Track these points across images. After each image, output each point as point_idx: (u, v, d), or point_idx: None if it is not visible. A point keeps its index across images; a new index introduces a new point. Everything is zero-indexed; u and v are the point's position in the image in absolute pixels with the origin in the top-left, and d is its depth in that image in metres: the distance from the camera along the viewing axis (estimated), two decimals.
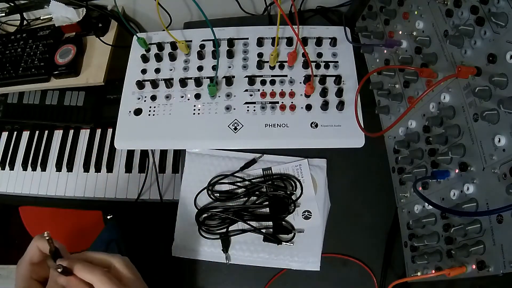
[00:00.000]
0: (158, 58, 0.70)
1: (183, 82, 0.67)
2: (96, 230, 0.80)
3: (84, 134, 0.87)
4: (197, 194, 0.63)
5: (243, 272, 0.62)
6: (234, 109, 0.65)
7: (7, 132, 0.93)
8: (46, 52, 0.77)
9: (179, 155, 0.83)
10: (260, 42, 0.70)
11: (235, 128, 0.64)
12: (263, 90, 0.66)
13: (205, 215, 0.62)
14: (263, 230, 0.61)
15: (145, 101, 0.67)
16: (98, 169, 0.84)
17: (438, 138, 0.48)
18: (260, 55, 0.69)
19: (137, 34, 0.71)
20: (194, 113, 0.65)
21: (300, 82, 0.67)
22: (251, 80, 0.66)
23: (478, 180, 0.42)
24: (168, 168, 0.83)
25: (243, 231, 0.61)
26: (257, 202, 0.63)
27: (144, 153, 0.84)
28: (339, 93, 0.65)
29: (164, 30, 0.69)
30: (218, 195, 0.63)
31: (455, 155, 0.45)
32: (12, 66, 0.77)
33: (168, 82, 0.67)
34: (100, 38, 0.79)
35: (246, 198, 0.63)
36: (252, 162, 0.65)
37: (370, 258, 0.62)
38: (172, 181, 0.82)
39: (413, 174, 0.54)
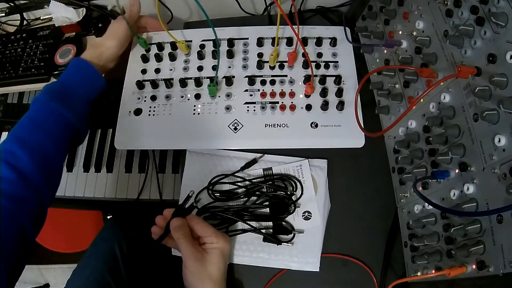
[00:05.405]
0: (158, 58, 0.70)
1: (183, 82, 0.67)
2: (96, 230, 0.80)
3: None
4: (197, 194, 0.63)
5: (243, 272, 0.62)
6: (234, 109, 0.65)
7: (7, 132, 0.92)
8: (46, 52, 0.77)
9: (179, 155, 0.83)
10: (260, 42, 0.70)
11: (235, 128, 0.64)
12: (263, 90, 0.66)
13: (205, 214, 0.62)
14: (263, 230, 0.61)
15: (145, 101, 0.67)
16: (98, 169, 0.84)
17: (438, 138, 0.48)
18: (260, 55, 0.69)
19: (137, 34, 0.71)
20: (194, 113, 0.65)
21: (300, 82, 0.67)
22: (251, 80, 0.66)
23: (478, 180, 0.42)
24: (168, 168, 0.83)
25: (243, 231, 0.61)
26: (257, 202, 0.63)
27: (144, 153, 0.84)
28: (339, 93, 0.65)
29: (164, 30, 0.69)
30: (219, 194, 0.63)
31: (455, 155, 0.45)
32: (12, 66, 0.77)
33: (168, 82, 0.66)
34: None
35: (246, 198, 0.63)
36: (253, 162, 0.65)
37: (370, 258, 0.62)
38: (172, 181, 0.82)
39: (413, 174, 0.54)
